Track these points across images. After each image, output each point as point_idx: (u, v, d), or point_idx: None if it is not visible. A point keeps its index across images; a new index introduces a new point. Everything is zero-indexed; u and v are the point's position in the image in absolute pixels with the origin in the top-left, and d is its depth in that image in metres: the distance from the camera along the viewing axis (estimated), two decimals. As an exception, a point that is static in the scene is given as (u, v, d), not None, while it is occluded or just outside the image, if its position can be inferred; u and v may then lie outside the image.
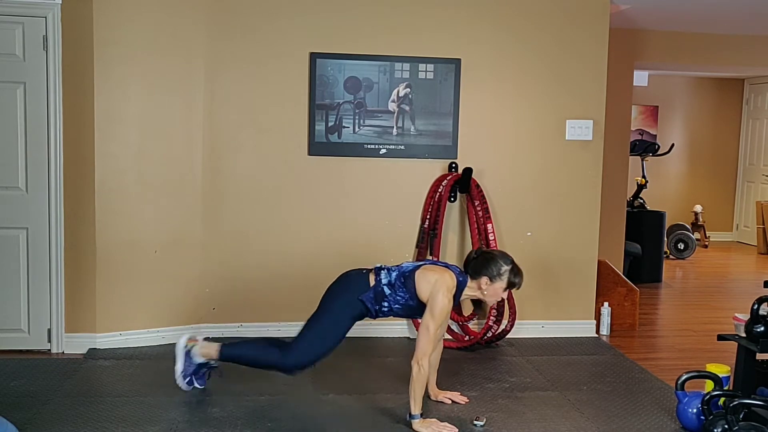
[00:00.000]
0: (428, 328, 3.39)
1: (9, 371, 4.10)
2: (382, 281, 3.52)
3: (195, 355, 3.72)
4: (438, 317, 3.40)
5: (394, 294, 3.51)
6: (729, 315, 5.55)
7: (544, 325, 5.11)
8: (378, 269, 3.59)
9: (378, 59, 4.79)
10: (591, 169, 5.07)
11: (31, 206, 4.39)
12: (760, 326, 3.60)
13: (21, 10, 4.28)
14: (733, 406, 3.12)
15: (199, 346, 3.72)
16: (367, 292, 3.52)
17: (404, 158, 4.88)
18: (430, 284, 3.45)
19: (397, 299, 3.51)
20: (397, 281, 3.51)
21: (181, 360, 3.72)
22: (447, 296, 3.42)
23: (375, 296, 3.52)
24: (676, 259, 8.76)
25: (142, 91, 4.49)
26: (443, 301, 3.40)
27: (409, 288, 3.49)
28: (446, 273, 3.49)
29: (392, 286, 3.51)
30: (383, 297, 3.52)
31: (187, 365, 3.73)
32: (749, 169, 10.15)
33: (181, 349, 3.73)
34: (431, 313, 3.40)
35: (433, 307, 3.41)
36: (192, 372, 3.76)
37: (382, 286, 3.51)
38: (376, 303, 3.53)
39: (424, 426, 3.38)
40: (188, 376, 3.75)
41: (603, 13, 4.99)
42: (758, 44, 6.76)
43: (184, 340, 3.76)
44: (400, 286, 3.51)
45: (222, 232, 4.76)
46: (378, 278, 3.54)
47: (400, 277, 3.52)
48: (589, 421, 3.62)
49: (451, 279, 3.47)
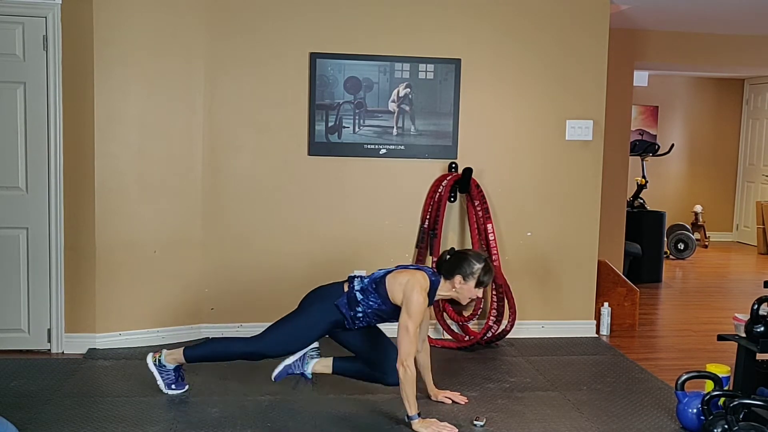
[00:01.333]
0: (407, 328, 3.39)
1: (9, 371, 4.10)
2: (354, 287, 3.57)
3: (166, 364, 3.79)
4: (415, 316, 3.40)
5: (366, 299, 3.54)
6: (729, 315, 5.55)
7: (544, 325, 5.11)
8: (351, 277, 3.65)
9: (378, 59, 4.79)
10: (591, 169, 5.07)
11: (31, 206, 4.39)
12: (760, 326, 3.60)
13: (21, 10, 4.28)
14: (733, 406, 3.12)
15: (165, 354, 3.81)
16: (341, 297, 3.57)
17: (404, 158, 4.88)
18: (402, 285, 3.47)
19: (369, 304, 3.54)
20: (368, 287, 3.56)
21: (158, 375, 3.80)
22: (422, 294, 3.42)
23: (348, 302, 3.56)
24: (676, 259, 8.76)
25: (142, 91, 4.49)
26: (418, 299, 3.41)
27: (381, 293, 3.52)
28: (417, 273, 3.51)
29: (364, 292, 3.55)
30: (356, 302, 3.55)
31: (166, 376, 3.80)
32: (749, 169, 10.15)
33: (152, 366, 3.80)
34: (408, 313, 3.41)
35: (408, 306, 3.41)
36: (174, 378, 3.82)
37: (355, 292, 3.56)
38: (350, 309, 3.56)
39: (423, 426, 3.38)
40: (171, 383, 3.81)
41: (603, 13, 4.99)
42: (758, 44, 6.76)
43: (149, 358, 3.82)
44: (372, 292, 3.54)
45: (222, 232, 4.76)
46: (351, 285, 3.60)
47: (372, 283, 3.56)
48: (589, 421, 3.62)
49: (424, 278, 3.48)
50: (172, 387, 3.81)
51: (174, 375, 3.81)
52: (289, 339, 3.63)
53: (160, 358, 3.80)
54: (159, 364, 3.79)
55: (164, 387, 3.80)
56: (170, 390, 3.80)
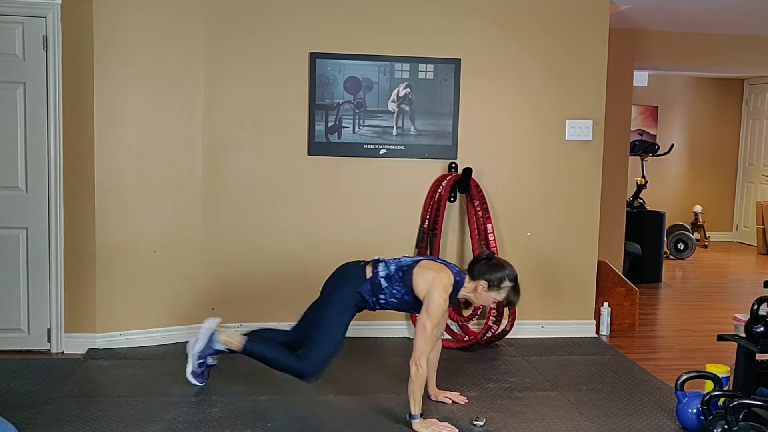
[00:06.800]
0: (425, 327, 3.39)
1: (9, 371, 4.10)
2: (379, 273, 3.54)
3: (217, 340, 3.76)
4: (434, 316, 3.40)
5: (390, 287, 3.52)
6: (729, 315, 5.55)
7: (544, 325, 5.11)
8: (376, 261, 3.61)
9: (378, 59, 4.79)
10: (591, 169, 5.07)
11: (31, 206, 4.39)
12: (759, 326, 3.60)
13: (21, 10, 4.28)
14: (733, 406, 3.12)
15: (225, 333, 3.78)
16: (364, 284, 3.54)
17: (404, 158, 4.88)
18: (427, 282, 3.45)
19: (393, 293, 3.52)
20: (395, 275, 3.52)
21: (204, 341, 3.76)
22: (443, 295, 3.42)
23: (372, 288, 3.53)
24: (676, 260, 8.76)
25: (142, 91, 4.49)
26: (439, 301, 3.40)
27: (407, 283, 3.50)
28: (444, 271, 3.49)
29: (389, 279, 3.52)
30: (380, 289, 3.53)
31: (207, 347, 3.77)
32: (749, 169, 10.15)
33: (207, 329, 3.77)
34: (427, 312, 3.40)
35: (429, 306, 3.41)
36: (202, 371, 3.82)
37: (380, 278, 3.53)
38: (374, 295, 3.54)
39: (424, 426, 3.38)
40: (203, 358, 3.79)
41: (603, 13, 4.99)
42: (758, 44, 6.76)
43: (213, 322, 3.80)
44: (398, 280, 3.51)
45: (222, 231, 4.76)
46: (375, 270, 3.55)
47: (398, 271, 3.53)
48: (589, 421, 3.62)
49: (449, 278, 3.47)
50: (192, 375, 3.81)
51: (204, 366, 3.81)
52: (330, 344, 3.53)
53: (218, 332, 3.75)
54: (212, 335, 3.75)
55: (189, 372, 3.80)
56: (192, 377, 3.81)
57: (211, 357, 3.83)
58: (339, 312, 3.55)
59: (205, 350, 3.78)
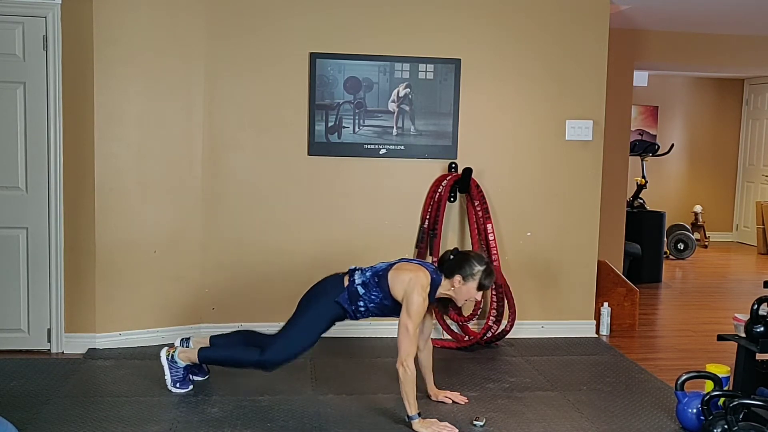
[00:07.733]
0: (407, 328, 3.39)
1: (9, 371, 4.10)
2: (355, 281, 3.55)
3: (178, 360, 3.80)
4: (415, 316, 3.40)
5: (368, 293, 3.53)
6: (729, 315, 5.55)
7: (544, 325, 5.11)
8: (352, 270, 3.63)
9: (378, 59, 4.79)
10: (591, 170, 5.07)
11: (31, 206, 4.38)
12: (759, 326, 3.60)
13: (21, 10, 4.28)
14: (733, 406, 3.12)
15: (179, 351, 3.81)
16: (342, 293, 3.56)
17: (404, 158, 4.88)
18: (403, 283, 3.45)
19: (371, 298, 3.53)
20: (371, 281, 3.54)
21: (168, 370, 3.80)
22: (422, 294, 3.42)
23: (349, 296, 3.55)
24: (676, 260, 8.76)
25: (142, 91, 4.49)
26: (418, 300, 3.40)
27: (383, 287, 3.50)
28: (420, 271, 3.49)
29: (366, 286, 3.54)
30: (358, 296, 3.54)
31: (175, 373, 3.80)
32: (749, 169, 10.15)
33: (164, 360, 3.81)
34: (408, 313, 3.40)
35: (409, 306, 3.41)
36: (182, 377, 3.82)
37: (356, 286, 3.54)
38: (352, 303, 3.55)
39: (423, 426, 3.38)
40: (177, 381, 3.81)
41: (603, 13, 4.99)
42: (758, 44, 6.76)
43: (163, 352, 3.84)
44: (374, 286, 3.52)
45: (222, 232, 4.76)
46: (351, 279, 3.58)
47: (374, 277, 3.54)
48: (588, 421, 3.62)
49: (426, 277, 3.47)
50: (177, 385, 3.80)
51: (182, 373, 3.81)
52: (297, 343, 3.59)
53: (174, 354, 3.79)
54: (171, 360, 3.78)
55: (170, 383, 3.80)
56: (175, 388, 3.80)
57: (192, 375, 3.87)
58: (315, 318, 3.59)
59: (177, 375, 3.80)
